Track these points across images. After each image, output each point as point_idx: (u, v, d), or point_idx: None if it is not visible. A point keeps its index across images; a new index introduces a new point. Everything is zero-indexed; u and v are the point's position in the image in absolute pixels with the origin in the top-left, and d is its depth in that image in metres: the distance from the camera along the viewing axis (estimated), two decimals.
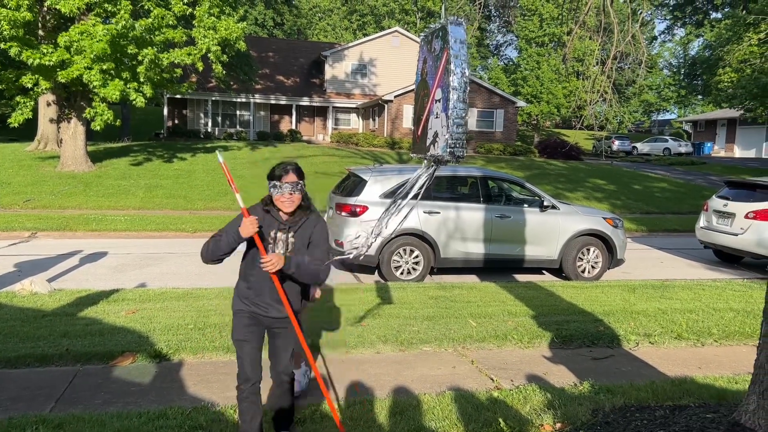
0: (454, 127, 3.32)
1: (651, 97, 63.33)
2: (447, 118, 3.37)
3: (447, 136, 3.37)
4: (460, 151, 3.40)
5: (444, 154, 3.42)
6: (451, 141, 3.35)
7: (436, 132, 3.57)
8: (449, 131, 3.35)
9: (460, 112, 3.32)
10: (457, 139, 3.37)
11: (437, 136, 3.55)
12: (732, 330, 6.29)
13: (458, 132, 3.36)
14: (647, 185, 23.16)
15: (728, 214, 10.44)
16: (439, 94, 3.58)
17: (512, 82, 46.39)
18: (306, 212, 3.40)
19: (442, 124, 3.48)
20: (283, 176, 3.27)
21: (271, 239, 3.33)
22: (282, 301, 3.33)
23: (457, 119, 3.32)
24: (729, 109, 37.76)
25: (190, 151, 24.65)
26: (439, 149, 3.49)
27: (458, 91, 3.34)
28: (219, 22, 18.45)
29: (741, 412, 3.17)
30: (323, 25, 62.38)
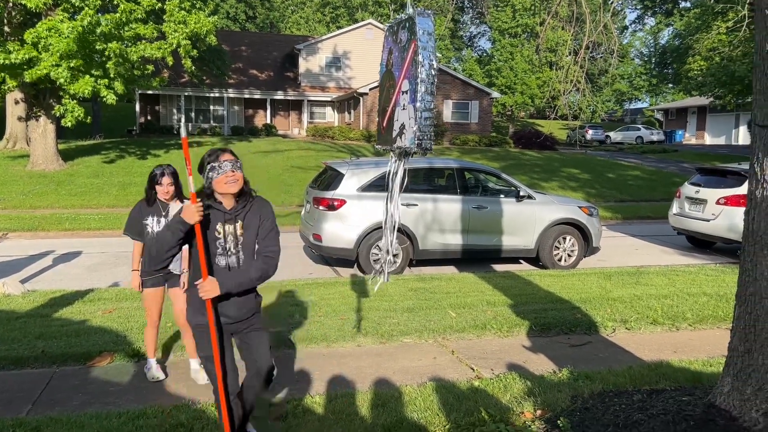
0: (422, 119, 3.32)
1: (623, 87, 64.08)
2: (415, 110, 3.37)
3: (415, 128, 3.36)
4: (428, 143, 3.40)
5: (412, 146, 3.42)
6: (419, 133, 3.35)
7: (403, 124, 3.57)
8: (417, 123, 3.34)
9: (428, 104, 3.32)
10: (425, 131, 3.37)
11: (404, 128, 3.55)
12: (706, 314, 6.41)
13: (426, 124, 3.36)
14: (621, 173, 23.46)
15: (700, 201, 10.63)
16: (406, 86, 3.57)
17: (486, 74, 46.61)
18: (249, 197, 3.15)
19: (409, 115, 3.47)
20: (220, 155, 3.04)
21: (218, 234, 3.06)
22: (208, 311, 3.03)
23: (425, 111, 3.31)
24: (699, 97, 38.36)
25: (164, 148, 24.34)
26: (407, 141, 3.48)
27: (426, 83, 3.33)
28: (189, 16, 18.20)
29: (716, 394, 3.24)
30: (296, 18, 61.90)
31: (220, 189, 3.03)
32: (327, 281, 8.02)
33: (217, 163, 3.01)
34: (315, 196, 8.93)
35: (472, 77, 43.44)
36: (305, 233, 9.26)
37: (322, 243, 8.68)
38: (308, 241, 9.07)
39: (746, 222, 3.13)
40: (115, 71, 16.70)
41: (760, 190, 3.02)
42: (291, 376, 4.67)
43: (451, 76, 33.90)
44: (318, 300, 6.84)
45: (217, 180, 3.01)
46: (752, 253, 3.07)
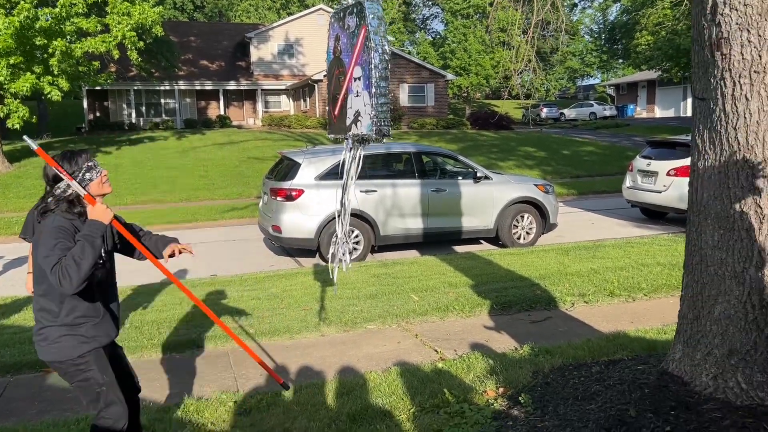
0: (378, 105, 3.30)
1: (575, 64, 64.98)
2: (370, 96, 3.34)
3: (372, 113, 3.34)
4: (386, 129, 3.39)
5: (370, 133, 3.40)
6: (376, 119, 3.33)
7: (358, 111, 3.54)
8: (374, 109, 3.32)
9: (383, 89, 3.30)
10: (382, 117, 3.35)
11: (360, 115, 3.52)
12: (660, 283, 6.60)
13: (383, 110, 3.34)
14: (575, 150, 23.88)
15: (651, 173, 10.89)
16: (358, 72, 3.54)
17: (441, 56, 46.64)
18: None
19: (364, 102, 3.44)
20: (87, 155, 2.77)
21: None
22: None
23: (381, 97, 3.29)
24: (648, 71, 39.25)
25: (115, 144, 23.74)
26: (365, 128, 3.46)
27: (380, 69, 3.31)
28: (133, 7, 17.68)
29: (668, 361, 3.34)
30: (245, 6, 60.75)
31: (98, 191, 2.77)
32: (289, 272, 7.97)
33: (92, 162, 2.75)
34: (272, 187, 8.84)
35: (427, 60, 43.43)
36: (264, 225, 9.17)
37: (282, 234, 8.61)
38: (268, 233, 8.98)
39: (690, 193, 3.21)
40: (59, 68, 16.15)
41: (701, 162, 3.10)
42: (254, 371, 4.63)
43: (405, 59, 33.83)
44: (280, 292, 6.79)
45: (97, 183, 2.75)
46: (696, 223, 3.15)
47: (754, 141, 2.87)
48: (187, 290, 3.14)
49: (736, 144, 2.91)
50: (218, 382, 4.47)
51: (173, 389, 4.35)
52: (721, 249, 3.03)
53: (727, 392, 2.97)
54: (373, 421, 3.54)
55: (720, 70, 2.93)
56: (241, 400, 4.01)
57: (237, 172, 19.02)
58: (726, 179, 2.98)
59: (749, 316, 2.94)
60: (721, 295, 3.03)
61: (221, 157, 21.57)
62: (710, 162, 3.05)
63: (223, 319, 5.78)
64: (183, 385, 4.41)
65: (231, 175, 18.62)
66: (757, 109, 2.85)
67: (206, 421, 3.71)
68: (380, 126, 3.49)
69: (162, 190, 16.72)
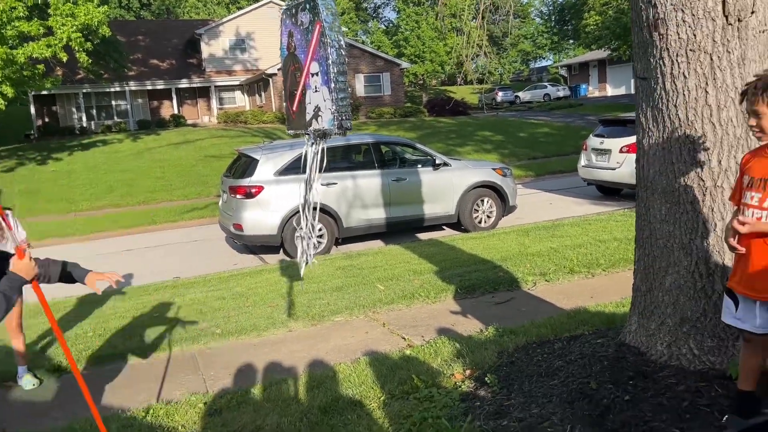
0: (338, 99, 3.32)
1: (527, 46, 65.78)
2: (330, 91, 3.37)
3: (333, 108, 3.36)
4: (347, 123, 3.42)
5: (332, 128, 3.42)
6: (337, 114, 3.36)
7: (318, 106, 3.56)
8: (334, 104, 3.34)
9: (342, 84, 3.33)
10: (343, 112, 3.38)
11: (320, 110, 3.54)
12: (617, 258, 6.78)
13: (344, 104, 3.37)
14: (531, 132, 24.24)
15: (605, 151, 11.15)
16: (315, 68, 3.55)
17: (395, 44, 46.63)
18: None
19: (324, 97, 3.46)
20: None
21: None
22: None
23: (341, 92, 3.32)
24: (598, 51, 39.98)
25: (66, 150, 23.10)
26: (326, 123, 3.48)
27: (337, 64, 3.33)
28: (77, 8, 17.18)
29: (625, 333, 3.47)
30: (193, 2, 59.52)
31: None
32: (253, 270, 7.93)
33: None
34: (231, 185, 8.76)
35: (381, 49, 43.38)
36: (225, 224, 9.09)
37: (244, 232, 8.55)
38: (229, 231, 8.91)
39: (637, 170, 3.33)
40: (2, 75, 15.63)
41: (646, 139, 3.21)
42: (223, 371, 4.62)
43: (359, 49, 33.75)
44: (245, 290, 6.77)
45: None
46: (645, 198, 3.27)
47: (693, 117, 2.99)
48: (47, 308, 2.95)
49: (678, 120, 3.03)
50: (187, 384, 4.45)
51: (141, 395, 4.31)
52: (668, 222, 3.15)
53: (681, 359, 3.11)
54: (344, 412, 3.58)
55: (658, 50, 3.03)
56: (211, 400, 4.00)
57: (194, 172, 18.75)
58: (670, 155, 3.09)
59: (697, 284, 3.07)
60: (670, 267, 3.16)
61: (177, 157, 21.22)
62: (654, 139, 3.16)
63: (189, 321, 5.73)
64: (151, 391, 4.37)
65: (188, 175, 18.35)
66: (695, 86, 2.96)
67: (177, 425, 3.70)
68: (341, 120, 3.51)
69: (118, 194, 16.38)
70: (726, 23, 2.87)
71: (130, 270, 8.85)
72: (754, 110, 2.31)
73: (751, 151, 2.56)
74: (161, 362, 4.93)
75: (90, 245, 10.96)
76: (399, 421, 3.37)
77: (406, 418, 3.37)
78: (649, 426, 2.68)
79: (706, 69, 2.93)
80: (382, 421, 3.43)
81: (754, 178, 2.42)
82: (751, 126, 2.36)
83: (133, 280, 8.08)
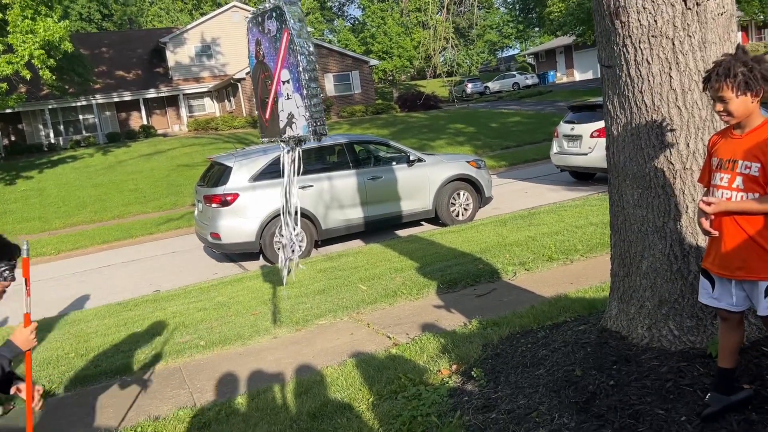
0: (312, 106, 3.31)
1: (493, 36, 66.21)
2: (303, 98, 3.36)
3: (307, 115, 3.35)
4: (321, 128, 3.41)
5: (307, 134, 3.42)
6: (311, 120, 3.35)
7: (291, 113, 3.54)
8: (308, 111, 3.33)
9: (314, 90, 3.32)
10: (317, 118, 3.37)
11: (293, 117, 3.53)
12: (594, 243, 6.86)
13: (317, 110, 3.36)
14: (503, 122, 24.41)
15: (576, 137, 11.27)
16: (285, 75, 3.53)
17: (362, 42, 46.63)
18: None
19: (297, 104, 3.45)
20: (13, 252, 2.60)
21: None
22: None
23: (314, 98, 3.31)
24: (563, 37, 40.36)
25: (36, 168, 22.68)
26: (301, 130, 3.47)
27: (308, 71, 3.32)
28: (36, 24, 16.85)
29: (606, 318, 3.52)
30: (155, 11, 58.80)
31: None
32: (234, 278, 7.88)
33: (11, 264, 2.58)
34: (205, 194, 8.68)
35: (348, 47, 43.31)
36: (202, 234, 9.01)
37: (222, 241, 8.48)
38: (207, 241, 8.83)
39: (608, 157, 3.37)
40: None
41: (615, 126, 3.25)
42: (209, 383, 4.58)
43: (327, 49, 33.66)
44: (227, 299, 6.72)
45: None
46: (617, 184, 3.32)
47: (659, 102, 3.03)
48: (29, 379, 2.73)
49: (644, 106, 3.07)
50: (174, 399, 4.41)
51: (128, 413, 4.27)
52: (641, 207, 3.19)
53: (662, 340, 3.16)
54: (334, 416, 3.58)
55: (621, 38, 3.07)
56: (200, 414, 3.96)
57: (168, 182, 18.54)
58: (639, 140, 3.14)
59: (673, 266, 3.12)
60: (646, 250, 3.21)
61: (150, 168, 20.97)
62: (623, 125, 3.20)
63: (172, 335, 5.68)
64: (138, 407, 4.32)
65: (162, 186, 18.14)
66: (659, 72, 3.01)
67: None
68: (316, 127, 3.51)
69: (92, 210, 16.14)
70: (685, 8, 2.91)
71: (109, 285, 8.74)
72: (720, 96, 2.34)
73: (718, 132, 2.61)
74: (146, 378, 4.88)
75: (66, 263, 10.78)
76: (389, 422, 3.37)
77: (395, 417, 3.38)
78: (635, 409, 2.72)
79: (668, 54, 2.97)
80: (371, 422, 3.44)
81: (722, 159, 2.46)
82: (718, 111, 2.39)
83: (112, 296, 7.97)
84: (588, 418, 2.77)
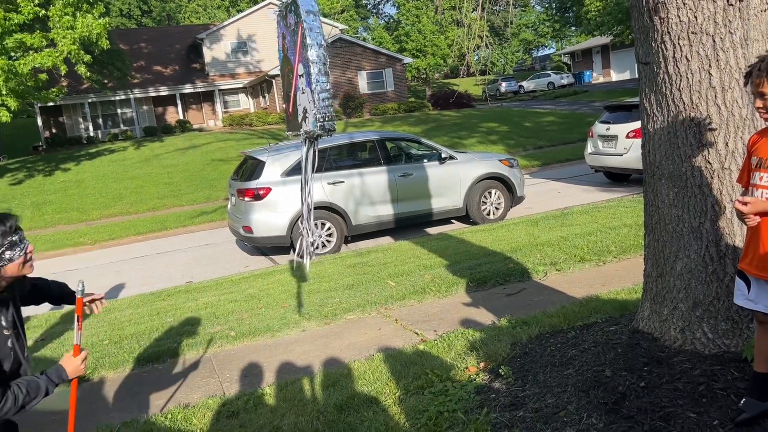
0: (320, 101, 3.30)
1: (529, 35, 65.48)
2: (312, 92, 3.35)
3: (315, 110, 3.35)
4: (329, 124, 3.39)
5: (315, 130, 3.40)
6: (319, 115, 3.34)
7: (305, 108, 3.55)
8: (316, 106, 3.32)
9: (323, 84, 3.31)
10: (325, 113, 3.35)
11: (306, 112, 3.53)
12: (628, 244, 6.76)
13: (325, 105, 3.34)
14: (537, 121, 24.14)
15: (611, 137, 11.09)
16: (301, 69, 3.54)
17: (396, 40, 46.56)
18: None
19: (308, 99, 3.45)
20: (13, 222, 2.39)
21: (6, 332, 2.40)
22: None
23: (322, 93, 3.30)
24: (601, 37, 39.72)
25: (74, 160, 23.25)
26: (310, 125, 3.47)
27: (318, 65, 3.31)
28: (76, 20, 17.24)
29: (638, 319, 3.46)
30: (193, 7, 59.74)
31: (16, 272, 2.38)
32: (265, 272, 7.96)
33: (17, 236, 2.36)
34: (239, 188, 8.79)
35: (382, 45, 43.32)
36: (235, 227, 9.12)
37: (254, 234, 8.58)
38: (239, 234, 8.95)
39: (644, 155, 3.31)
40: (6, 87, 15.73)
41: (651, 124, 3.20)
42: (239, 372, 4.65)
43: (361, 46, 33.71)
44: (257, 292, 6.80)
45: (17, 262, 2.37)
46: (652, 184, 3.26)
47: (698, 100, 2.97)
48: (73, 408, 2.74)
49: (682, 104, 3.01)
50: (204, 388, 4.48)
51: (159, 400, 4.35)
52: (677, 206, 3.13)
53: (695, 343, 3.09)
54: (360, 409, 3.59)
55: (660, 34, 3.02)
56: (228, 403, 4.03)
57: (202, 176, 18.82)
58: (675, 139, 3.08)
59: (709, 268, 3.06)
60: (681, 251, 3.15)
61: (185, 162, 21.31)
62: (659, 124, 3.14)
63: (203, 326, 5.77)
64: (169, 395, 4.41)
65: (196, 180, 18.42)
66: (698, 69, 2.94)
67: (195, 428, 3.73)
68: (323, 123, 3.48)
69: (128, 202, 16.48)
70: (727, 4, 2.85)
71: (142, 276, 8.92)
72: (760, 92, 2.29)
73: (759, 131, 2.54)
74: (177, 366, 4.97)
75: (103, 253, 11.04)
76: (415, 416, 3.38)
77: (422, 412, 3.38)
78: (666, 412, 2.67)
79: (708, 51, 2.91)
80: (398, 416, 3.45)
81: (762, 159, 2.40)
82: (758, 108, 2.34)
83: (146, 287, 8.13)
84: (617, 419, 2.73)
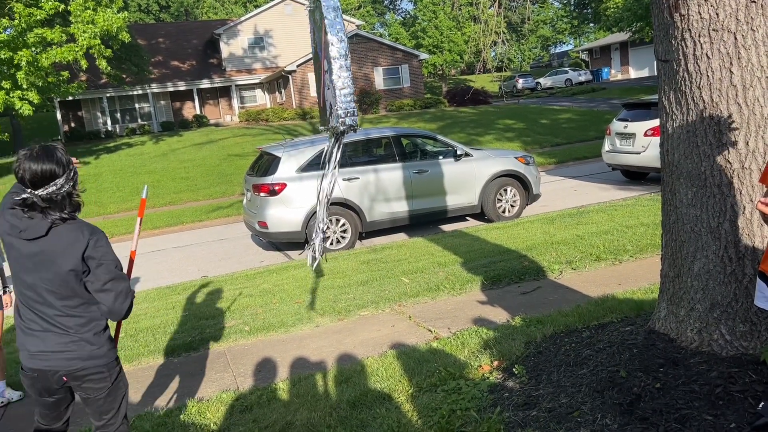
0: (341, 96, 3.30)
1: (546, 32, 64.97)
2: (334, 88, 3.36)
3: (337, 106, 3.35)
4: (351, 120, 3.39)
5: (338, 125, 3.41)
6: (341, 111, 3.34)
7: (330, 104, 3.56)
8: (338, 102, 3.33)
9: (345, 81, 3.31)
10: (347, 109, 3.36)
11: (331, 108, 3.54)
12: (645, 244, 6.69)
13: (347, 101, 3.35)
14: (554, 118, 23.96)
15: (629, 135, 10.98)
16: (326, 66, 3.55)
17: (412, 36, 46.46)
18: None
19: (332, 95, 3.46)
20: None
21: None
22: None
23: (343, 89, 3.30)
24: (619, 33, 39.29)
25: (93, 154, 23.48)
26: (334, 120, 3.47)
27: (339, 60, 3.32)
28: (96, 15, 17.42)
29: (654, 320, 3.42)
30: (211, 2, 59.98)
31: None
32: (279, 267, 7.99)
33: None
34: (254, 183, 8.83)
35: (399, 41, 43.26)
36: (250, 222, 9.16)
37: (269, 229, 8.61)
38: (254, 229, 8.98)
39: (662, 154, 3.27)
40: (28, 81, 15.93)
41: (670, 122, 3.15)
42: (252, 367, 4.67)
43: (377, 42, 33.66)
44: (272, 287, 6.82)
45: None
46: (670, 183, 3.22)
47: (718, 98, 2.92)
48: None
49: (702, 102, 2.97)
50: (218, 382, 4.51)
51: (174, 393, 4.39)
52: (695, 206, 3.09)
53: (712, 345, 3.05)
54: (373, 406, 3.60)
55: (680, 31, 2.97)
56: (242, 397, 4.05)
57: (218, 171, 18.92)
58: (695, 138, 3.03)
59: (727, 269, 3.01)
60: (699, 251, 3.11)
61: (201, 157, 21.44)
62: (678, 122, 3.10)
63: (218, 320, 5.81)
64: (183, 389, 4.45)
65: (213, 175, 18.53)
66: (719, 67, 2.90)
67: (209, 422, 3.75)
68: (344, 118, 3.49)
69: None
70: (749, 1, 2.80)
71: (159, 269, 8.99)
72: None
73: None
74: (192, 360, 5.01)
75: (119, 247, 11.10)
76: (428, 414, 3.37)
77: (434, 410, 3.38)
78: (681, 413, 2.64)
79: (730, 48, 2.86)
80: (410, 414, 3.44)
81: None
82: None
83: (162, 281, 8.20)
84: (631, 420, 2.71)
